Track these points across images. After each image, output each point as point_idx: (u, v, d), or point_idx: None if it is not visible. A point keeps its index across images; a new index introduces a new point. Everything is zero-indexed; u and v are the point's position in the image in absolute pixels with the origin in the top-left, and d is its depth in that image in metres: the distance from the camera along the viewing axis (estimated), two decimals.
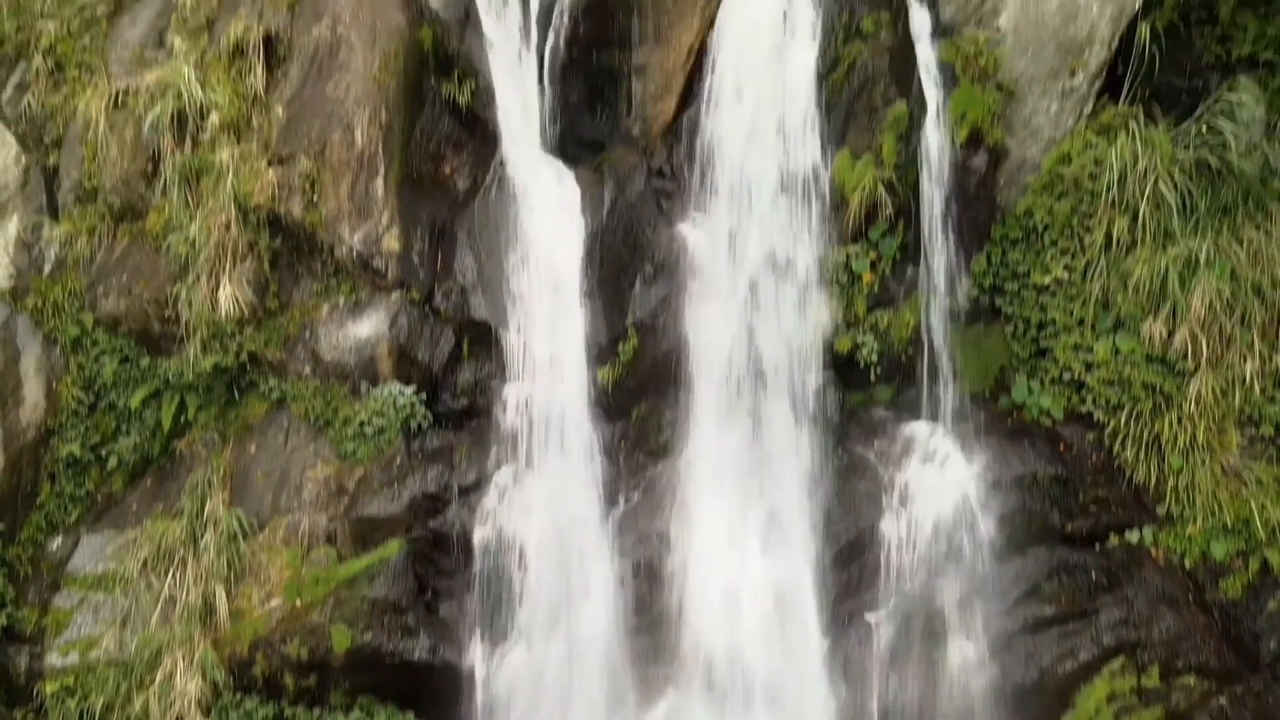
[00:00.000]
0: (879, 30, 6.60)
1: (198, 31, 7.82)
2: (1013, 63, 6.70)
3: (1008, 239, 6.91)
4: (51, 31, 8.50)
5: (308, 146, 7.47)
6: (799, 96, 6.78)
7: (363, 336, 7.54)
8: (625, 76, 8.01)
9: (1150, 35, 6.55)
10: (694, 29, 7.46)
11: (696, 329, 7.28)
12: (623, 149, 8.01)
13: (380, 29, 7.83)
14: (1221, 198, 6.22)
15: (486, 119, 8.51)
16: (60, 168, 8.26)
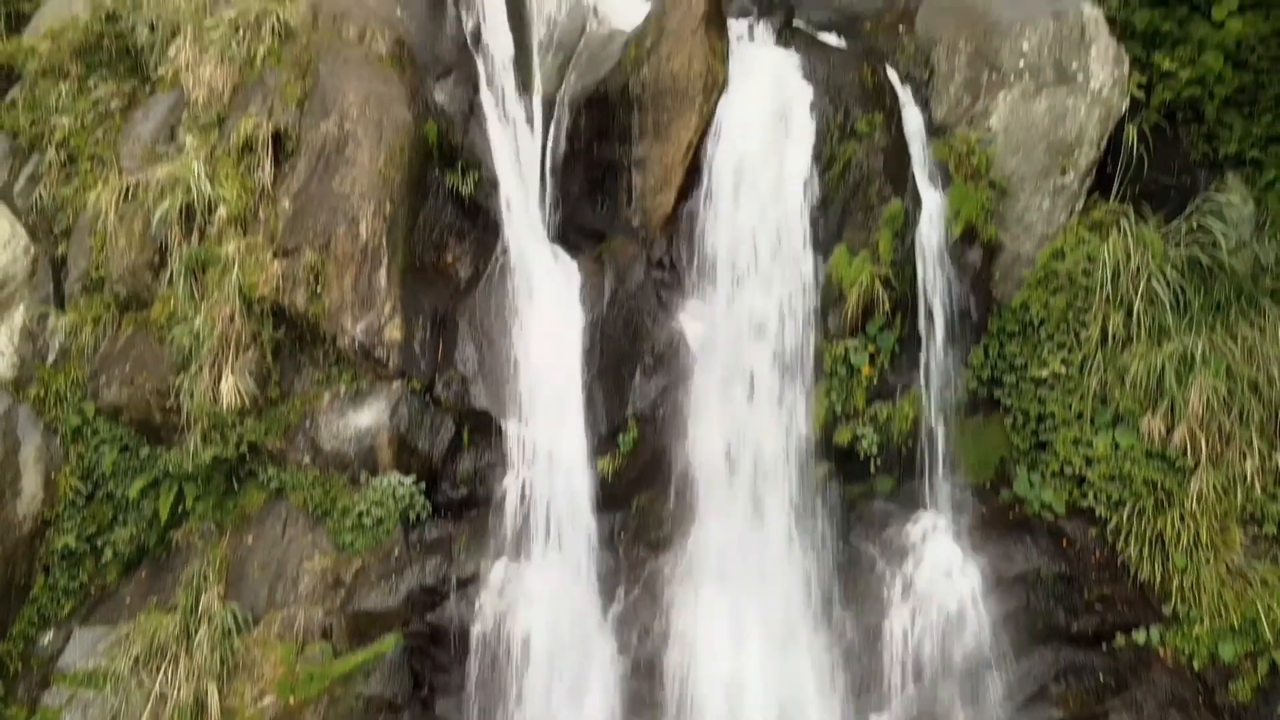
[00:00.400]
0: (873, 131, 6.76)
1: (209, 128, 8.00)
2: (1004, 161, 6.85)
3: (1005, 332, 6.97)
4: (65, 126, 8.71)
5: (313, 239, 7.58)
6: (796, 194, 6.89)
7: (363, 426, 7.55)
8: (625, 169, 8.16)
9: (1137, 136, 6.70)
10: (692, 126, 7.62)
11: (697, 420, 7.28)
12: (623, 239, 8.13)
13: (387, 125, 8.02)
14: (1214, 295, 6.30)
15: (489, 208, 8.67)
16: (68, 258, 8.37)
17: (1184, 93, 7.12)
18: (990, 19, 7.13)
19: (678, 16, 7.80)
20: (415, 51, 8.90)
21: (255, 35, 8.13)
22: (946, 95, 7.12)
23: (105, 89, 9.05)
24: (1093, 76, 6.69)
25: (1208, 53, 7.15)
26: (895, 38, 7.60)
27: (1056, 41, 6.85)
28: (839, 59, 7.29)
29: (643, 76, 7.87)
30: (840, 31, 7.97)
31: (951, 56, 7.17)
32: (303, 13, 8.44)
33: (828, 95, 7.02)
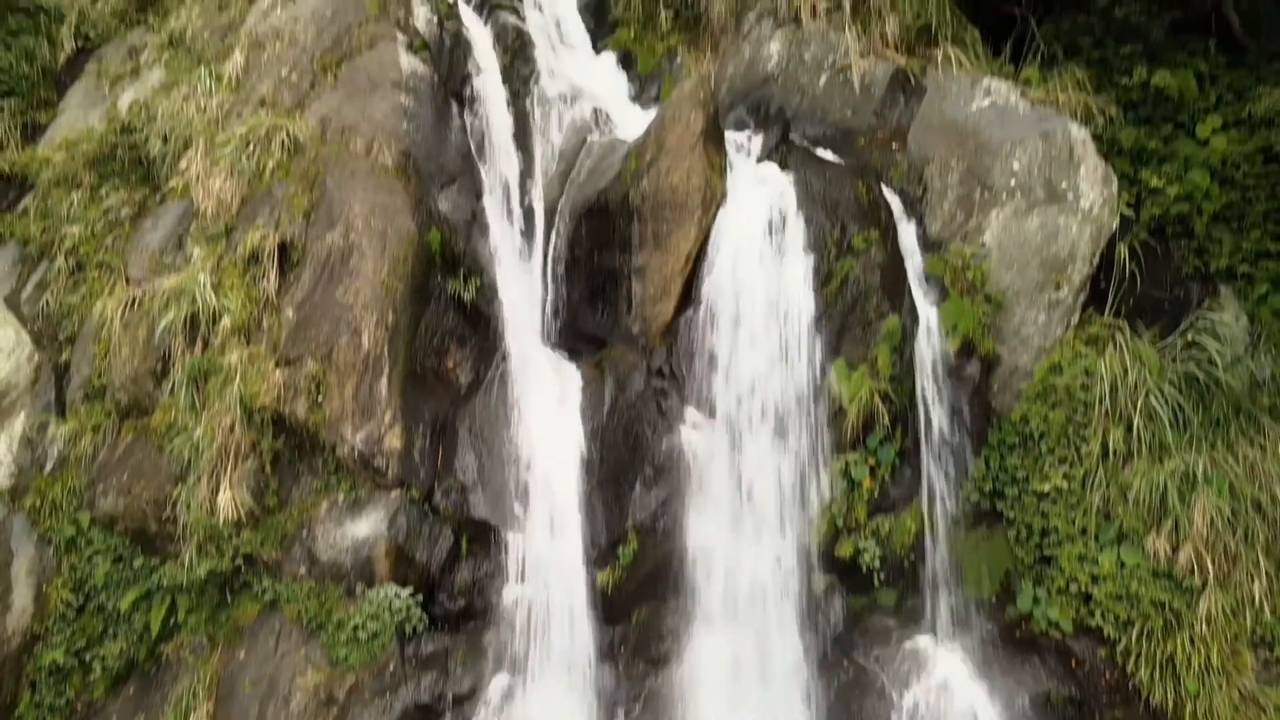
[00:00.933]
0: (869, 247, 6.87)
1: (216, 239, 8.14)
2: (999, 276, 6.94)
3: (1005, 444, 6.95)
4: (75, 234, 8.88)
5: (315, 349, 7.63)
6: (794, 308, 6.97)
7: (360, 536, 7.48)
8: (625, 277, 8.26)
9: (1129, 253, 6.81)
10: (691, 238, 7.75)
11: (697, 533, 7.21)
12: (623, 347, 8.17)
13: (391, 235, 8.16)
14: (1213, 411, 6.31)
15: (490, 315, 8.77)
16: (71, 364, 8.43)
17: (1172, 209, 7.27)
18: (980, 138, 7.32)
19: (677, 132, 7.99)
20: (420, 162, 9.12)
21: (265, 150, 8.34)
22: (940, 211, 7.26)
23: (116, 197, 9.26)
24: (1083, 195, 6.84)
25: (1194, 170, 7.33)
26: (889, 154, 7.79)
27: (1046, 161, 7.01)
28: (834, 175, 7.45)
29: (643, 189, 8.02)
30: (835, 147, 8.18)
31: (944, 174, 7.34)
32: (312, 127, 8.68)
33: (824, 211, 7.15)
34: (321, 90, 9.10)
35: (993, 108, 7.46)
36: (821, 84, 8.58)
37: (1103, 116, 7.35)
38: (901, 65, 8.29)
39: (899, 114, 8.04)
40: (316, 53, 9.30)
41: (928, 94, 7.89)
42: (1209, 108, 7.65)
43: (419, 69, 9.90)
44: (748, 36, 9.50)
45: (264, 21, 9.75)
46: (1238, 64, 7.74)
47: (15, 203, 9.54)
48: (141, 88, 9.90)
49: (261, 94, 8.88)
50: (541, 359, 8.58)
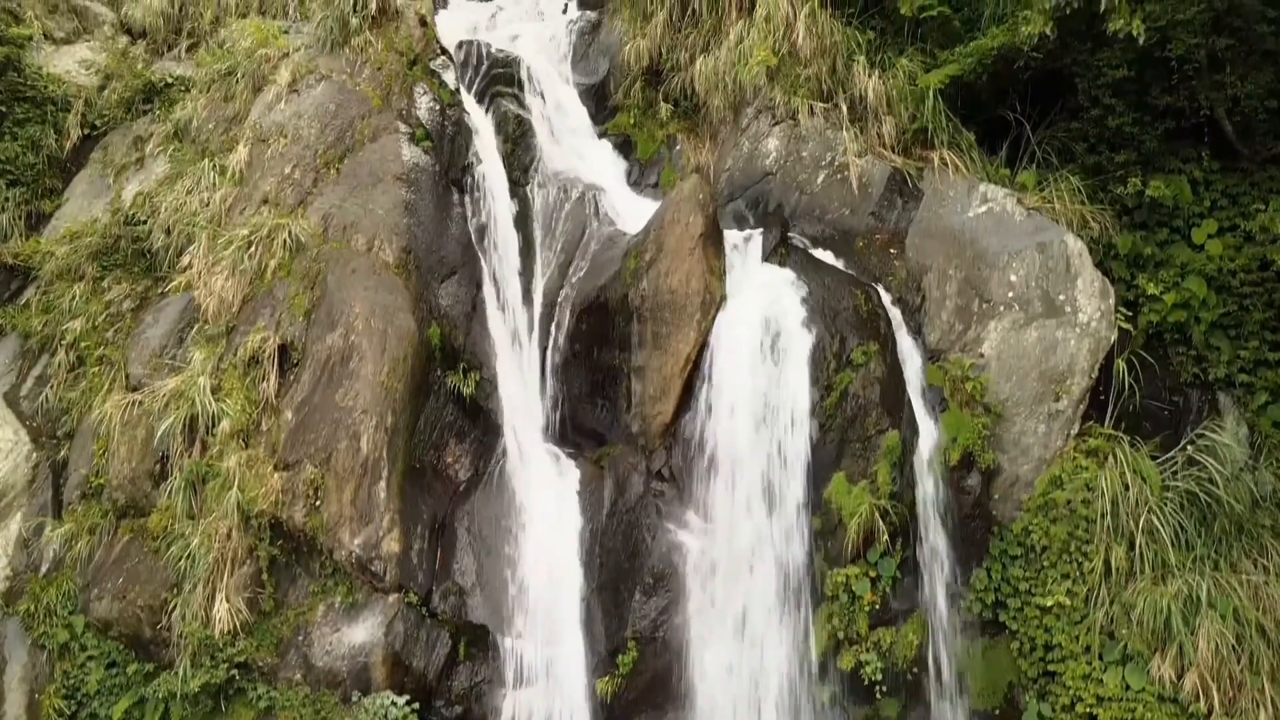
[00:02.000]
0: (869, 361, 6.89)
1: (217, 339, 8.16)
2: (999, 387, 6.96)
3: (1007, 555, 6.92)
4: (76, 328, 8.90)
5: (314, 454, 7.62)
6: (794, 419, 6.97)
7: (357, 643, 7.42)
8: (625, 375, 8.27)
9: (1128, 362, 6.82)
10: (690, 340, 7.77)
11: (697, 641, 7.15)
12: (623, 446, 8.16)
13: (391, 334, 8.19)
14: (1215, 531, 6.29)
15: (489, 409, 8.78)
16: (69, 462, 8.40)
17: (1170, 316, 7.31)
18: (978, 247, 7.38)
19: (676, 234, 8.05)
20: (421, 256, 9.19)
21: (267, 249, 8.40)
22: (939, 321, 7.30)
23: (118, 290, 9.31)
24: (1080, 309, 6.88)
25: (1190, 278, 7.37)
26: (887, 260, 7.84)
27: (1043, 274, 7.07)
28: (834, 282, 7.50)
29: (642, 289, 8.06)
30: (833, 247, 8.24)
31: (942, 284, 7.39)
32: (314, 224, 8.75)
33: (824, 321, 7.19)
34: (324, 186, 9.19)
35: (989, 215, 7.53)
36: (820, 182, 8.66)
37: (1099, 224, 7.40)
38: (898, 166, 8.38)
39: (897, 216, 8.10)
40: (320, 149, 9.40)
41: (925, 198, 7.97)
42: (1204, 213, 7.71)
43: (421, 160, 10.01)
44: (746, 131, 9.60)
45: (268, 115, 9.86)
46: (1231, 169, 7.82)
47: (18, 294, 9.59)
48: (146, 178, 9.99)
49: (265, 192, 8.96)
50: (541, 455, 8.57)
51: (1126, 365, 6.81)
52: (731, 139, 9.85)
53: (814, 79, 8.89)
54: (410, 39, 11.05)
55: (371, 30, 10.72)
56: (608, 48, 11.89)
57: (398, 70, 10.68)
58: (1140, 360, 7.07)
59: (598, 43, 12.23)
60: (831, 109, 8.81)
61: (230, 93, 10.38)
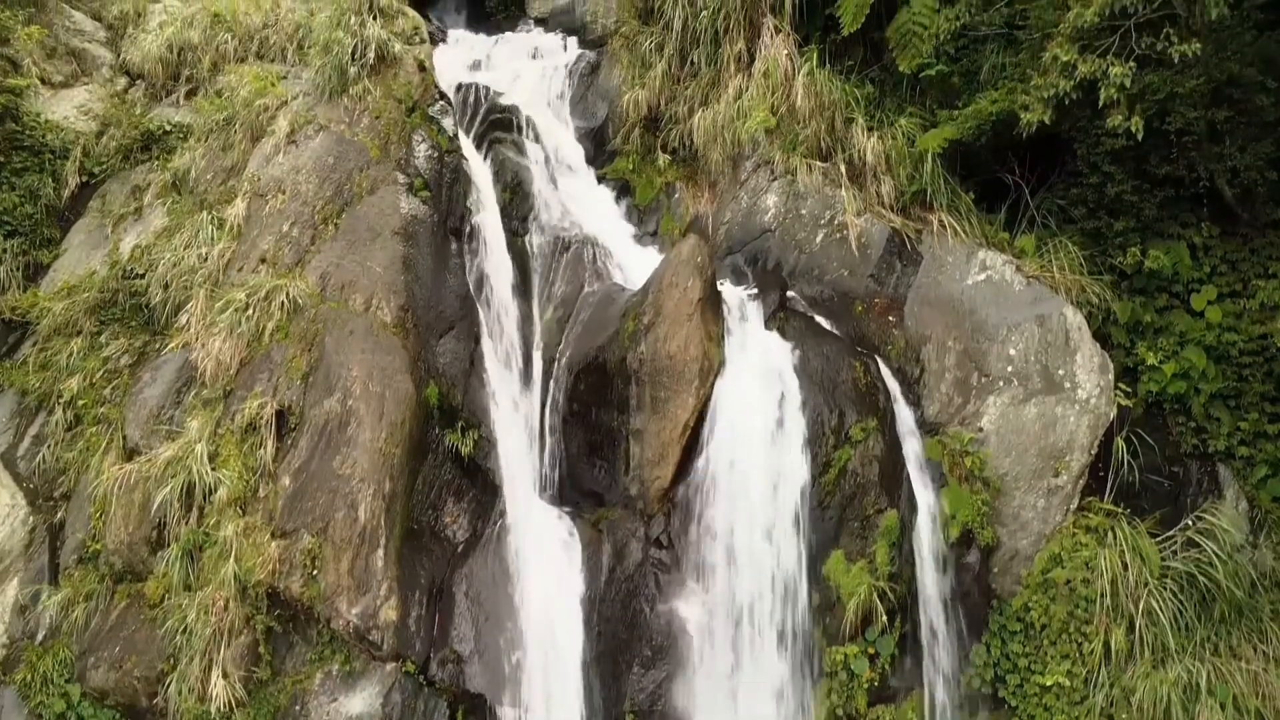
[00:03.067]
0: (867, 437, 6.87)
1: (214, 402, 8.14)
2: (998, 462, 6.94)
3: (1006, 630, 6.90)
4: (74, 386, 8.87)
5: (311, 523, 7.60)
6: (793, 494, 6.95)
7: (354, 713, 7.42)
8: (624, 438, 8.25)
9: (1126, 442, 6.80)
10: (689, 407, 7.75)
11: (697, 716, 7.11)
12: (621, 510, 8.14)
13: (389, 398, 8.17)
14: (1214, 615, 6.26)
15: (488, 469, 8.76)
16: (66, 524, 8.39)
17: (1170, 387, 7.28)
18: (977, 318, 7.36)
19: (674, 298, 8.04)
20: (419, 313, 9.16)
21: (265, 312, 8.38)
22: (938, 394, 7.28)
23: (116, 345, 9.29)
24: (1080, 385, 6.86)
25: (1189, 348, 7.35)
26: (886, 327, 7.82)
27: (1042, 348, 7.05)
28: (833, 351, 7.48)
29: (640, 353, 8.04)
30: (832, 311, 8.22)
31: (941, 355, 7.37)
32: (312, 284, 8.73)
33: (823, 393, 7.17)
34: (322, 243, 9.17)
35: (988, 283, 7.51)
36: (818, 241, 8.65)
37: (1098, 297, 7.38)
38: (897, 227, 8.36)
39: (895, 280, 8.09)
40: (318, 204, 9.39)
41: (924, 263, 7.95)
42: (1203, 278, 7.69)
43: (419, 211, 9.99)
44: (745, 184, 9.59)
45: (266, 167, 9.84)
46: (1231, 234, 7.80)
47: (15, 348, 9.57)
48: (144, 230, 9.97)
49: (263, 250, 8.94)
50: (540, 516, 8.55)
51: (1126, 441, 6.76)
52: (730, 191, 9.84)
53: (812, 137, 8.87)
54: (409, 85, 11.03)
55: (370, 78, 10.69)
56: (606, 92, 11.89)
57: (396, 118, 10.66)
58: (1140, 431, 7.05)
59: (596, 86, 12.22)
60: (830, 167, 8.79)
61: (228, 142, 10.37)
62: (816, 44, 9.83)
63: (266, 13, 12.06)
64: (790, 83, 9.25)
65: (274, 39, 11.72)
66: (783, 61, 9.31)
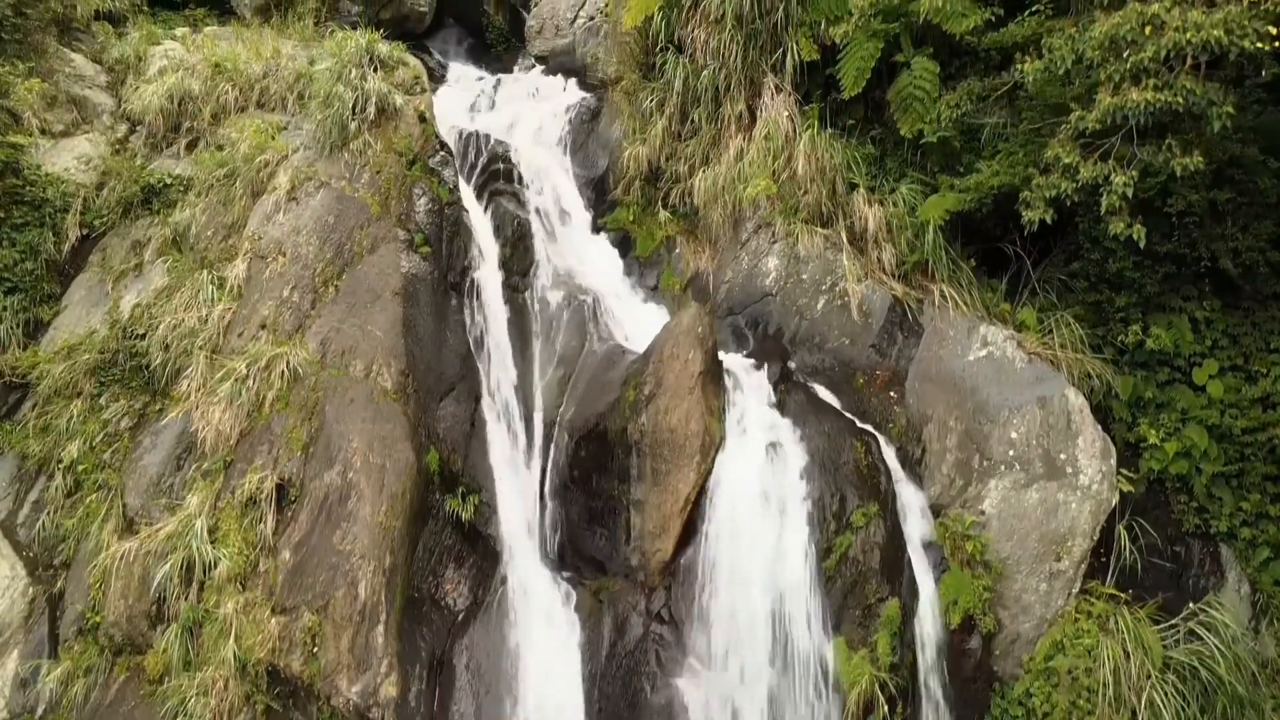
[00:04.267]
0: (868, 524, 6.86)
1: (214, 474, 8.12)
2: (999, 545, 6.92)
3: (1009, 714, 6.89)
4: (74, 451, 8.86)
5: (311, 600, 7.58)
6: (793, 577, 6.93)
7: None
8: (624, 508, 8.24)
9: (1127, 528, 6.78)
10: (690, 482, 7.73)
11: None
12: (622, 582, 8.12)
13: (389, 469, 8.16)
14: (1217, 710, 6.24)
15: (489, 535, 8.75)
16: (65, 594, 8.36)
17: (1171, 467, 7.26)
18: (979, 397, 7.34)
19: (675, 370, 8.02)
20: (420, 375, 9.15)
21: (265, 381, 8.37)
22: (939, 474, 7.26)
23: (116, 408, 9.27)
24: (1081, 470, 6.84)
25: (1191, 426, 7.33)
26: (888, 404, 7.81)
27: (1044, 431, 7.03)
28: (834, 428, 7.46)
29: (641, 424, 8.03)
30: (834, 382, 8.21)
31: (943, 435, 7.35)
32: (312, 350, 8.72)
33: (824, 476, 7.16)
34: (322, 306, 9.16)
35: (989, 360, 7.49)
36: (820, 308, 8.63)
37: (1099, 376, 7.36)
38: (899, 295, 8.35)
39: (897, 352, 8.07)
40: (318, 266, 9.38)
41: (925, 336, 7.93)
42: (1205, 352, 7.67)
43: (419, 268, 9.98)
44: (745, 245, 9.58)
45: (267, 225, 9.84)
46: (1233, 306, 7.78)
47: (15, 408, 9.54)
48: (144, 288, 9.95)
49: (263, 316, 8.93)
50: (540, 585, 8.52)
51: (1127, 529, 6.74)
52: (731, 250, 9.82)
53: (813, 203, 8.86)
54: (409, 138, 11.02)
55: (371, 131, 10.69)
56: (606, 142, 11.88)
57: (397, 172, 10.65)
58: (1142, 509, 7.03)
59: (596, 134, 12.22)
60: (831, 233, 8.77)
61: (229, 198, 10.37)
62: (817, 102, 9.83)
63: (267, 61, 12.06)
64: (791, 145, 9.24)
65: (274, 88, 11.71)
66: (783, 124, 9.30)
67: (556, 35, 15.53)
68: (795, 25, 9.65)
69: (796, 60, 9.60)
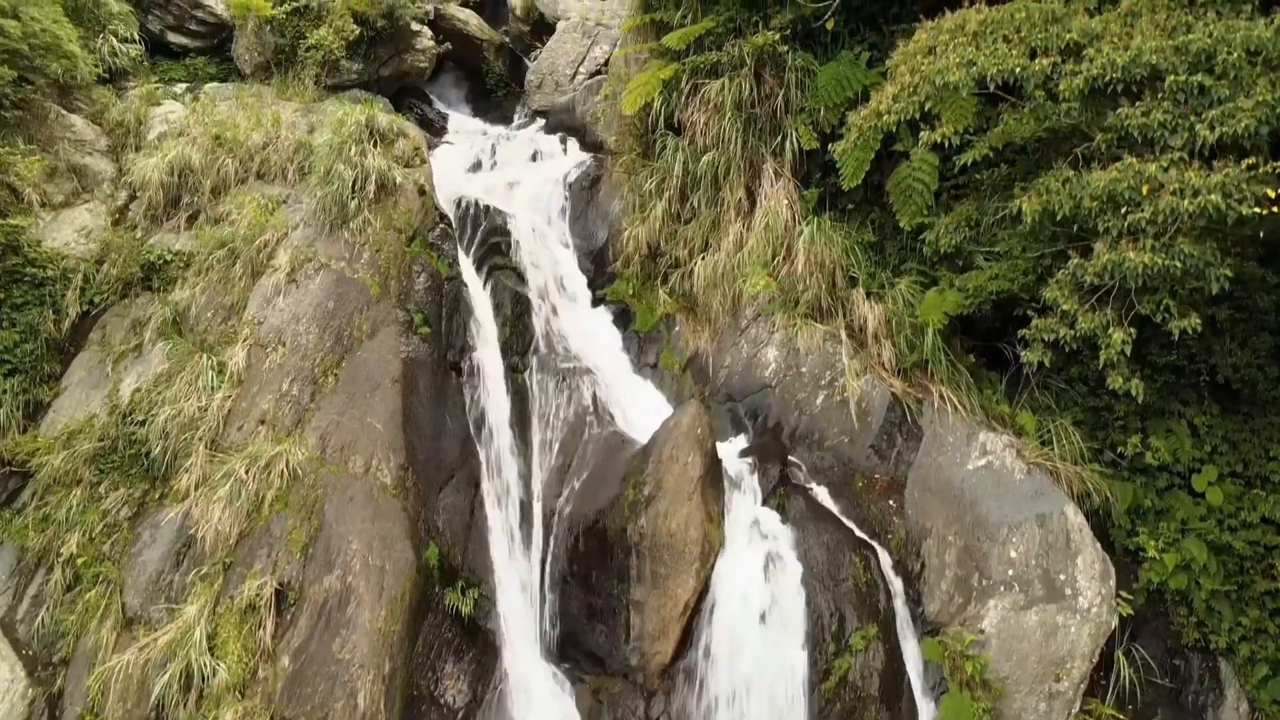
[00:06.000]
0: (867, 647, 6.85)
1: (213, 576, 8.12)
2: (999, 665, 6.91)
3: None
4: (73, 545, 8.85)
5: (311, 710, 7.57)
6: (792, 695, 6.93)
7: None
8: (624, 606, 8.23)
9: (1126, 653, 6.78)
10: (690, 588, 7.73)
11: None
12: (622, 683, 8.13)
13: (389, 571, 8.16)
14: None
15: (488, 629, 8.75)
16: (65, 694, 8.35)
17: (1171, 581, 7.26)
18: (978, 511, 7.33)
19: (675, 473, 8.02)
20: (420, 466, 9.15)
21: (264, 481, 8.36)
22: (939, 591, 7.26)
23: (115, 497, 9.26)
24: (1081, 593, 6.84)
25: (1190, 539, 7.33)
26: (887, 512, 7.81)
27: (1043, 550, 7.03)
28: (833, 540, 7.46)
29: (640, 526, 8.02)
30: (833, 483, 8.21)
31: (942, 550, 7.35)
32: (311, 446, 8.72)
33: (823, 591, 7.16)
34: (322, 399, 9.16)
35: (989, 470, 7.49)
36: (819, 404, 8.63)
37: (1097, 490, 7.36)
38: (898, 393, 8.35)
39: (896, 455, 8.07)
40: (318, 356, 9.38)
41: (924, 440, 7.93)
42: (1204, 458, 7.67)
43: (419, 351, 9.99)
44: (745, 332, 9.58)
45: (267, 309, 9.84)
46: (1232, 411, 7.78)
47: (15, 495, 9.54)
48: (144, 370, 9.94)
49: (263, 411, 8.93)
50: (540, 680, 8.53)
51: (1126, 653, 6.75)
52: (730, 335, 9.82)
53: (813, 298, 8.85)
54: (409, 213, 11.04)
55: (370, 208, 10.70)
56: (606, 214, 11.90)
57: (396, 250, 10.67)
58: (1143, 619, 7.02)
59: (596, 204, 12.23)
60: (831, 329, 8.77)
61: (229, 277, 10.37)
62: (817, 186, 9.85)
63: (267, 130, 12.07)
64: (790, 234, 9.25)
65: (274, 159, 11.73)
66: (783, 212, 9.31)
67: (556, 91, 15.59)
68: (795, 112, 9.66)
69: (796, 146, 9.61)
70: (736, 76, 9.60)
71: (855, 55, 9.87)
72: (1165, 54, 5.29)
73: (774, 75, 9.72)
